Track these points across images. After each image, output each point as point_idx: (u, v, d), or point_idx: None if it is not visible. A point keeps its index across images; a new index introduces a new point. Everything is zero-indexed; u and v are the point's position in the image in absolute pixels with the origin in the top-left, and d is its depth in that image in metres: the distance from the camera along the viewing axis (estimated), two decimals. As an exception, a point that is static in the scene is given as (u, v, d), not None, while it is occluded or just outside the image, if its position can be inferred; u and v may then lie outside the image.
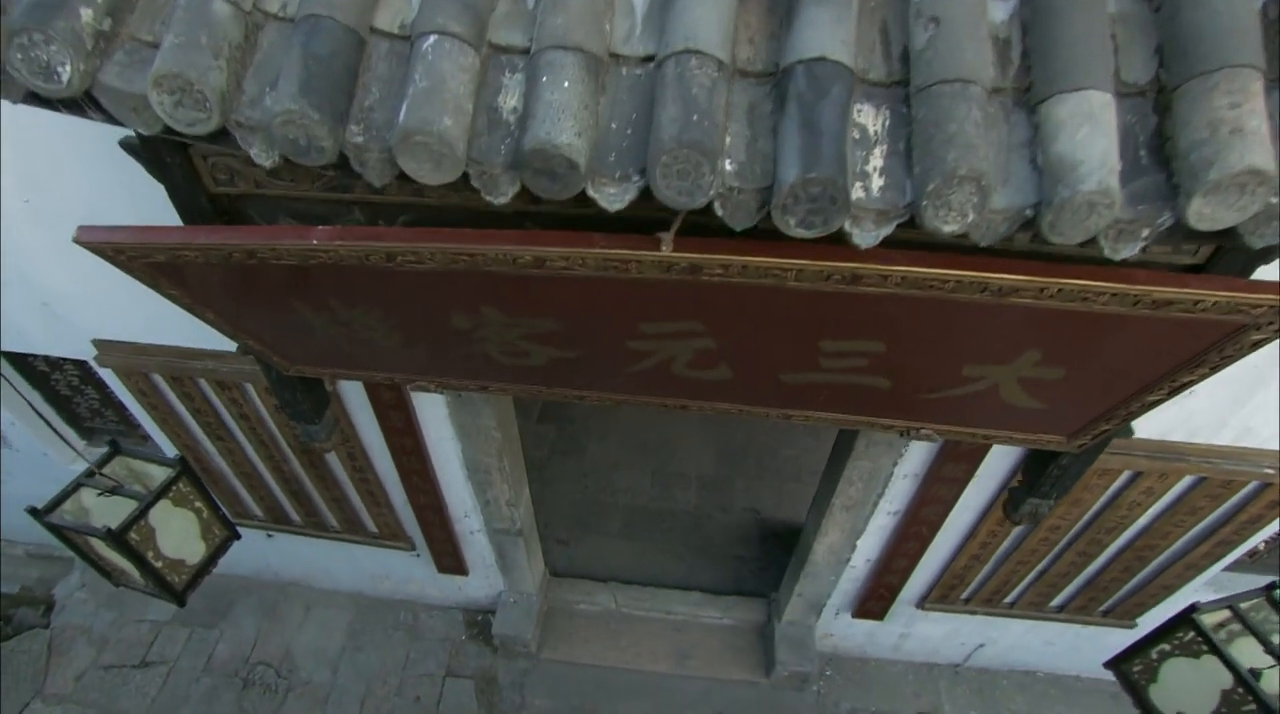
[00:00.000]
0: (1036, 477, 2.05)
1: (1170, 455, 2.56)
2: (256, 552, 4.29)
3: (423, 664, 4.31)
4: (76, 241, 1.22)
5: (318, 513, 3.77)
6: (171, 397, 3.10)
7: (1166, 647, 1.81)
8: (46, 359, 3.28)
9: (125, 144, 1.55)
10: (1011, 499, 2.18)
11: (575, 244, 1.17)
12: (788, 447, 5.58)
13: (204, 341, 2.77)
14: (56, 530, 1.93)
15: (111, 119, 1.01)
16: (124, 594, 4.53)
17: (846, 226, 0.98)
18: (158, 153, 1.41)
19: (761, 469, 5.38)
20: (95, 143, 1.93)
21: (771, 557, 4.75)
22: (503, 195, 1.00)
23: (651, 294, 1.32)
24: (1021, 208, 0.95)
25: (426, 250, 1.20)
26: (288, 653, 4.37)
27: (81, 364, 3.16)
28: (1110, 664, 1.99)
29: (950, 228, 0.94)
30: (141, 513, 1.92)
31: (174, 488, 2.03)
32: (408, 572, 4.18)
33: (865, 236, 0.98)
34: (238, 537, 2.45)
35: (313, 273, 1.34)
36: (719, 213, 0.97)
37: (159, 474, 2.07)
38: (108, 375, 3.02)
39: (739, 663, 4.27)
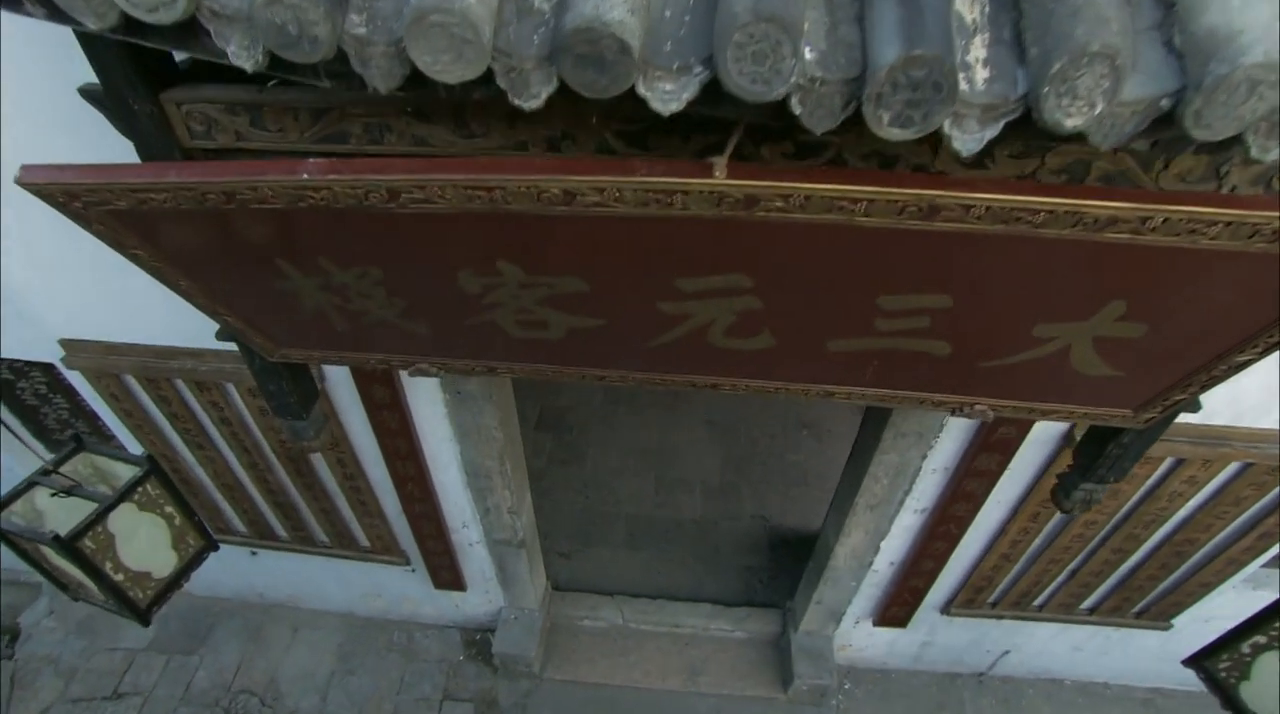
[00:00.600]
0: (1091, 459, 1.89)
1: (1215, 440, 2.43)
2: (239, 571, 4.03)
3: (418, 687, 4.05)
4: (19, 183, 1.04)
5: (305, 526, 3.54)
6: (147, 401, 2.88)
7: (1261, 639, 1.64)
8: (10, 365, 3.05)
9: (86, 92, 1.38)
10: (1062, 486, 2.02)
11: (612, 172, 1.00)
12: (793, 451, 5.42)
13: (181, 337, 2.57)
14: (1, 536, 1.71)
15: (55, 13, 0.84)
16: (96, 619, 4.25)
17: (946, 127, 0.82)
18: (123, 99, 1.24)
19: (768, 475, 5.21)
20: (56, 110, 1.76)
21: (782, 565, 4.56)
22: (534, 98, 0.84)
23: (693, 240, 1.15)
24: (1156, 98, 0.80)
25: (437, 185, 1.03)
26: (273, 679, 4.09)
27: (48, 368, 2.93)
28: (1191, 661, 1.81)
29: (1073, 122, 0.78)
30: (99, 517, 1.70)
31: (140, 490, 1.81)
32: (402, 589, 3.94)
33: (967, 140, 0.83)
34: (215, 548, 2.23)
35: (302, 223, 1.16)
36: (797, 111, 0.81)
37: (127, 474, 1.85)
38: (77, 379, 2.80)
39: (754, 678, 4.05)
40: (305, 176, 1.02)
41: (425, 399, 2.73)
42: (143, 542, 1.85)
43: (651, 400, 5.82)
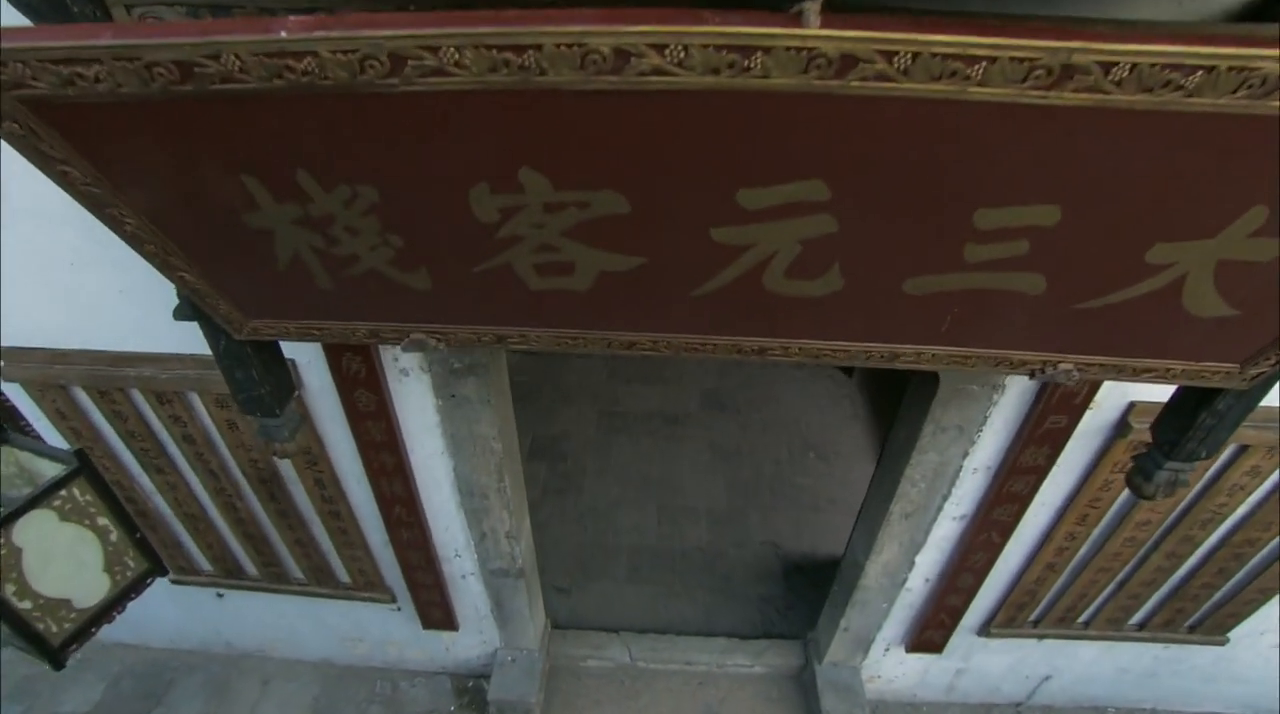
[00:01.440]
0: (1178, 433, 1.68)
1: (1280, 424, 2.24)
2: (204, 617, 3.62)
3: (403, 745, 3.62)
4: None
5: (278, 561, 3.18)
6: (98, 417, 2.57)
7: None
8: (-55, 384, 2.72)
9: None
10: (1140, 468, 1.79)
11: (678, 22, 0.80)
12: (801, 475, 5.17)
13: (139, 339, 2.30)
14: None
15: None
16: (38, 681, 3.78)
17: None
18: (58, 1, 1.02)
19: (776, 500, 4.94)
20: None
21: (799, 593, 4.25)
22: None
23: (766, 133, 0.95)
24: None
25: (454, 45, 0.81)
26: (238, 742, 3.63)
27: (-14, 384, 2.61)
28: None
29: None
30: (-3, 526, 1.39)
31: (63, 494, 1.50)
32: (386, 631, 3.56)
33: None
34: (162, 572, 1.90)
35: (277, 117, 0.93)
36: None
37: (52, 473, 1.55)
38: (17, 393, 2.48)
39: (776, 718, 3.69)
40: (284, 34, 0.80)
41: (415, 406, 2.46)
42: (63, 561, 1.53)
43: (649, 427, 5.57)
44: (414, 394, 2.43)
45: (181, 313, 1.58)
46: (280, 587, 3.31)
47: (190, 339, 2.28)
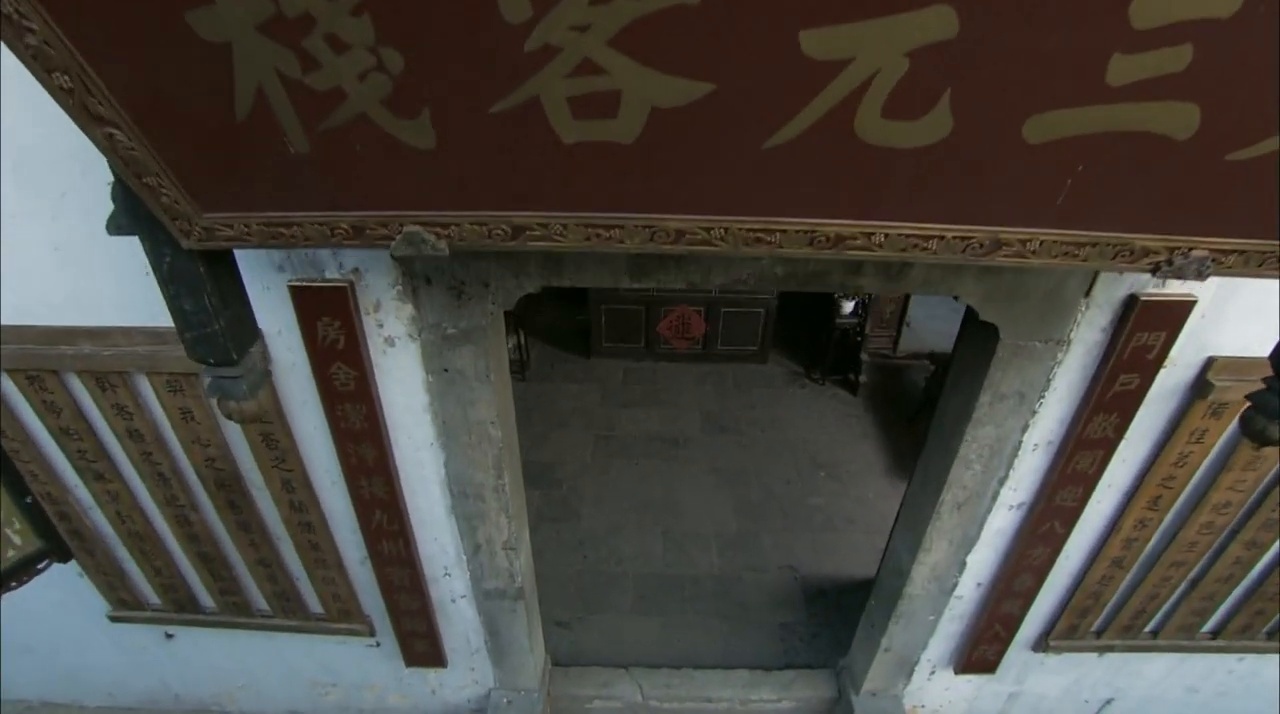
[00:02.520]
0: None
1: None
2: (149, 664, 3.13)
3: (380, 812, 3.10)
4: None
5: (239, 588, 2.75)
6: (26, 411, 2.21)
7: None
8: None
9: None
10: (1261, 405, 1.53)
11: None
12: (814, 495, 4.85)
13: (77, 311, 1.99)
14: None
15: None
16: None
17: None
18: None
19: (790, 522, 4.59)
20: None
21: (823, 620, 3.86)
22: None
23: None
24: None
25: None
26: (183, 817, 3.08)
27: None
28: None
29: None
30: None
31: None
32: (363, 671, 3.09)
33: None
34: (61, 557, 1.52)
35: None
36: None
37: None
38: (-71, 381, 2.12)
39: (810, 762, 3.25)
40: None
41: (401, 384, 2.14)
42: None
43: (648, 451, 5.24)
44: (400, 369, 2.11)
45: (117, 221, 1.29)
46: (241, 620, 2.86)
47: (139, 305, 1.99)
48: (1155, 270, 1.24)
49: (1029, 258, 1.23)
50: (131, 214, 1.23)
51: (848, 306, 5.81)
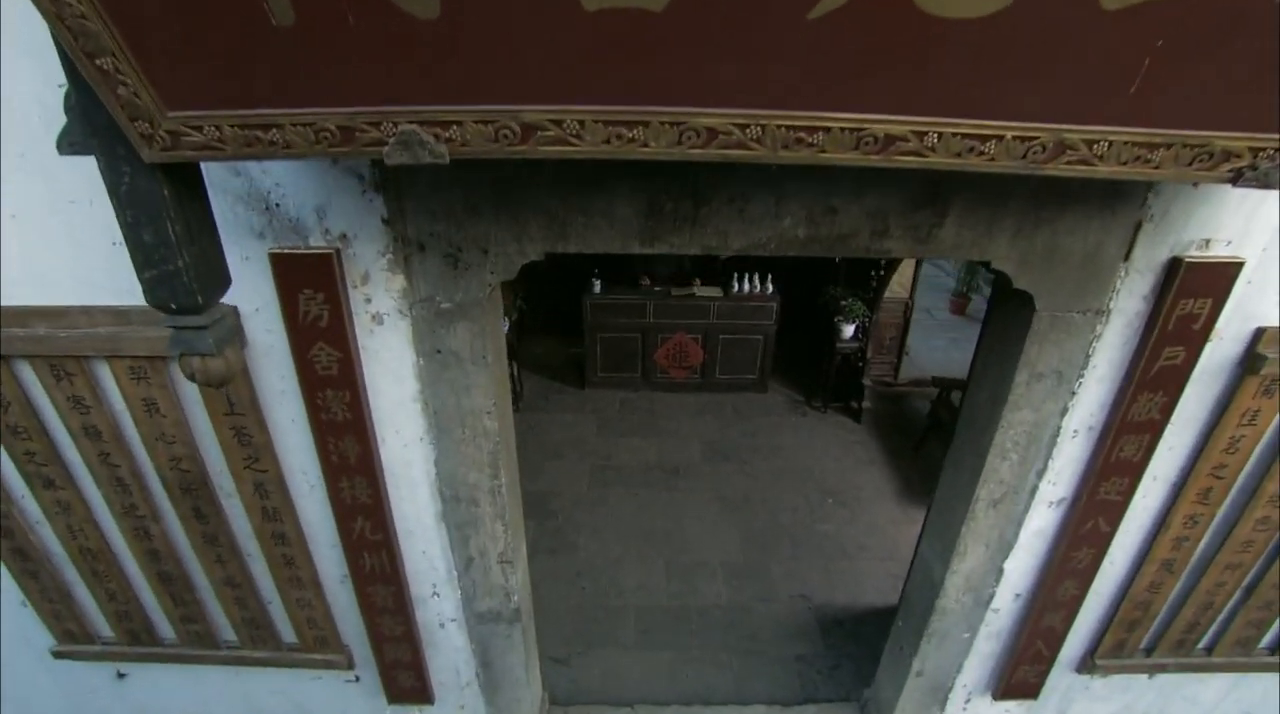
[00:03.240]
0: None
1: None
2: (98, 710, 2.79)
3: None
4: None
5: (203, 614, 2.47)
6: (-27, 404, 2.00)
7: None
8: None
9: None
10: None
11: None
12: (822, 522, 4.61)
13: (30, 286, 1.81)
14: None
15: None
16: None
17: None
18: None
19: (799, 550, 4.34)
20: None
21: (841, 650, 3.58)
22: None
23: None
24: None
25: None
26: None
27: None
28: None
29: None
30: None
31: None
32: (340, 709, 2.77)
33: None
34: None
35: None
36: None
37: None
38: None
39: (838, 810, 2.92)
40: None
41: (389, 368, 1.96)
42: None
43: (647, 480, 5.01)
44: (388, 351, 1.94)
45: (70, 137, 1.15)
46: (204, 654, 2.57)
47: (103, 281, 1.82)
48: (1236, 178, 1.12)
49: (1095, 165, 1.10)
50: (86, 124, 1.08)
51: (848, 330, 5.71)
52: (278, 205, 1.72)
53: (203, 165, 1.24)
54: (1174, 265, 1.82)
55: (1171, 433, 2.09)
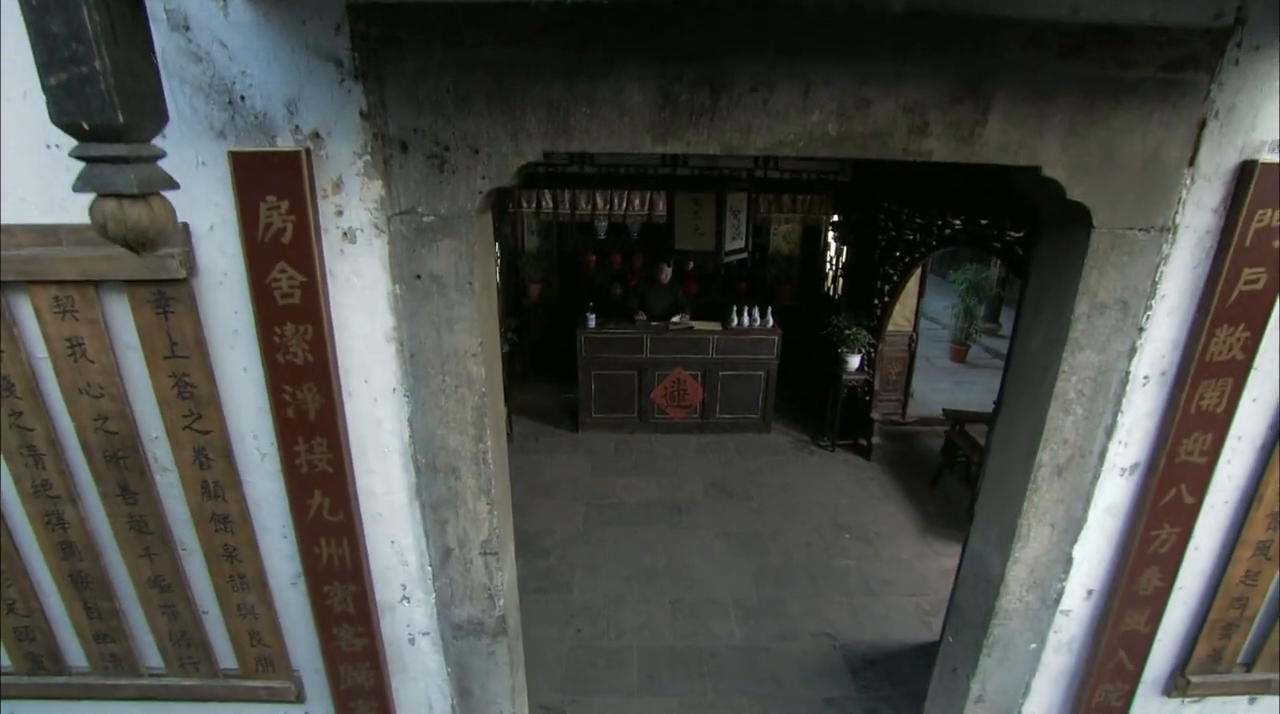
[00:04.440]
0: None
1: None
2: (-20, 766, 2.28)
3: None
4: None
5: (122, 629, 2.05)
6: None
7: None
8: None
9: None
10: None
11: None
12: (841, 556, 4.21)
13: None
14: None
15: None
16: None
17: None
18: None
19: (819, 586, 3.92)
20: None
21: (876, 693, 3.11)
22: None
23: None
24: None
25: None
26: None
27: None
28: None
29: None
30: None
31: None
32: (281, 760, 2.28)
33: None
34: None
35: None
36: None
37: None
38: None
39: None
40: None
41: (360, 299, 1.70)
42: None
43: (648, 518, 4.62)
44: (360, 277, 1.68)
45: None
46: (121, 684, 2.12)
47: (32, 197, 1.59)
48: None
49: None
50: None
51: (853, 362, 5.49)
52: (243, 98, 1.52)
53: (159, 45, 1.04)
54: (1246, 170, 1.63)
55: (1258, 380, 1.84)
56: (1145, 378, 1.85)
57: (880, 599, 3.79)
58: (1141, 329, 1.79)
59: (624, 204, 5.52)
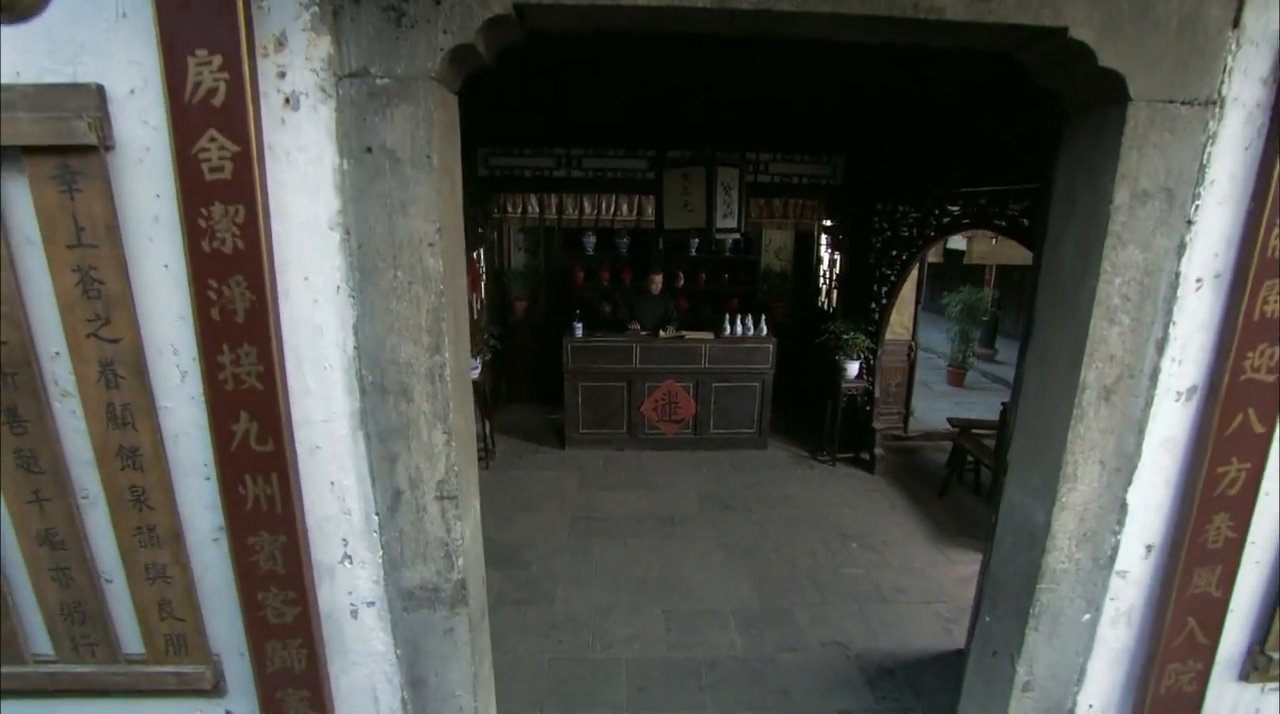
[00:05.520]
0: None
1: None
2: None
3: None
4: None
5: (2, 603, 1.70)
6: None
7: None
8: None
9: None
10: None
11: None
12: (849, 565, 3.88)
13: None
14: None
15: None
16: None
17: None
18: None
19: (827, 594, 3.57)
20: None
21: (897, 703, 2.75)
22: None
23: None
24: None
25: None
26: None
27: None
28: None
29: None
30: None
31: None
32: (192, 770, 1.88)
33: None
34: None
35: None
36: None
37: None
38: None
39: None
40: None
41: (301, 174, 1.47)
42: None
43: (638, 530, 4.29)
44: (302, 150, 1.46)
45: None
46: (-3, 671, 1.76)
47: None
48: None
49: None
50: None
51: (852, 369, 5.26)
52: (169, -66, 1.33)
53: None
54: (1296, 31, 1.47)
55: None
56: (1198, 281, 1.63)
57: (894, 607, 3.44)
58: (1190, 222, 1.59)
59: (612, 209, 5.40)
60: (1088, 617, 1.87)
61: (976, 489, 4.96)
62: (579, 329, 5.47)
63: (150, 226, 1.47)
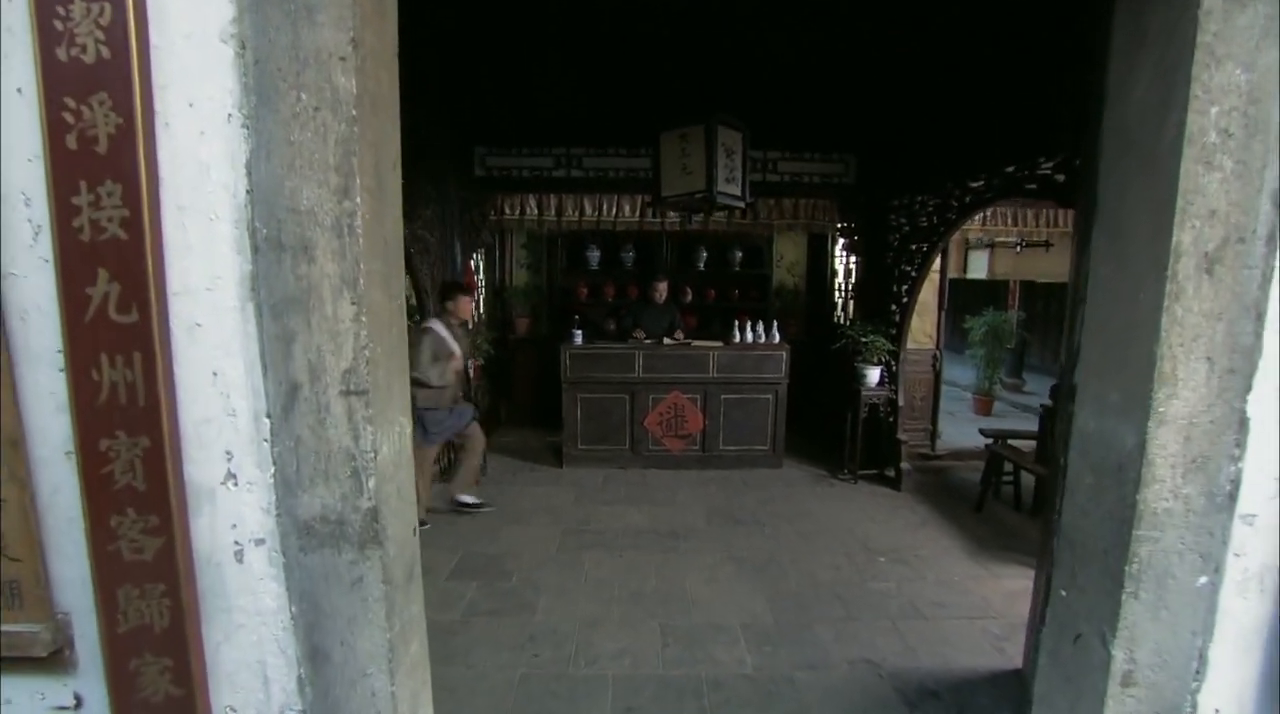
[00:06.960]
0: None
1: None
2: None
3: None
4: None
5: None
6: None
7: None
8: None
9: None
10: None
11: None
12: (877, 579, 3.39)
13: None
14: None
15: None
16: None
17: None
18: None
19: (853, 610, 3.06)
20: None
21: (949, 733, 2.20)
22: None
23: None
24: None
25: None
26: None
27: None
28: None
29: None
30: None
31: None
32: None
33: None
34: None
35: None
36: None
37: None
38: None
39: None
40: None
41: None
42: None
43: (637, 544, 3.86)
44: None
45: None
46: None
47: None
48: None
49: None
50: None
51: (873, 376, 4.85)
52: None
53: None
54: None
55: None
56: (1320, 112, 1.27)
57: (934, 623, 2.91)
58: (1306, 34, 1.25)
59: (613, 209, 5.16)
60: (1204, 580, 1.41)
61: (1017, 504, 4.43)
62: (578, 336, 5.15)
63: (-1, 36, 1.19)
